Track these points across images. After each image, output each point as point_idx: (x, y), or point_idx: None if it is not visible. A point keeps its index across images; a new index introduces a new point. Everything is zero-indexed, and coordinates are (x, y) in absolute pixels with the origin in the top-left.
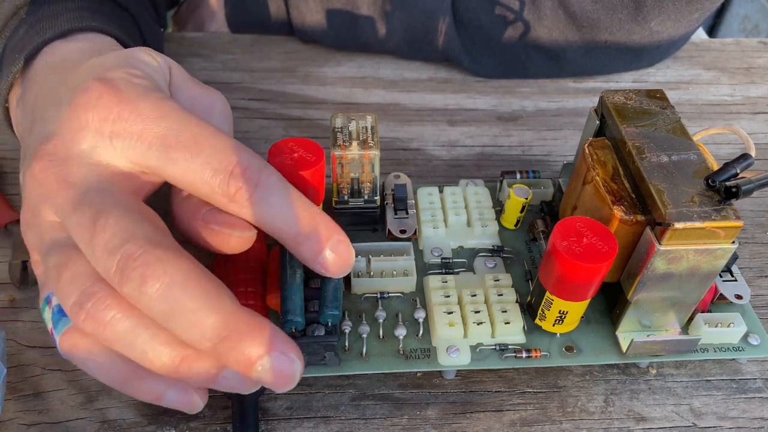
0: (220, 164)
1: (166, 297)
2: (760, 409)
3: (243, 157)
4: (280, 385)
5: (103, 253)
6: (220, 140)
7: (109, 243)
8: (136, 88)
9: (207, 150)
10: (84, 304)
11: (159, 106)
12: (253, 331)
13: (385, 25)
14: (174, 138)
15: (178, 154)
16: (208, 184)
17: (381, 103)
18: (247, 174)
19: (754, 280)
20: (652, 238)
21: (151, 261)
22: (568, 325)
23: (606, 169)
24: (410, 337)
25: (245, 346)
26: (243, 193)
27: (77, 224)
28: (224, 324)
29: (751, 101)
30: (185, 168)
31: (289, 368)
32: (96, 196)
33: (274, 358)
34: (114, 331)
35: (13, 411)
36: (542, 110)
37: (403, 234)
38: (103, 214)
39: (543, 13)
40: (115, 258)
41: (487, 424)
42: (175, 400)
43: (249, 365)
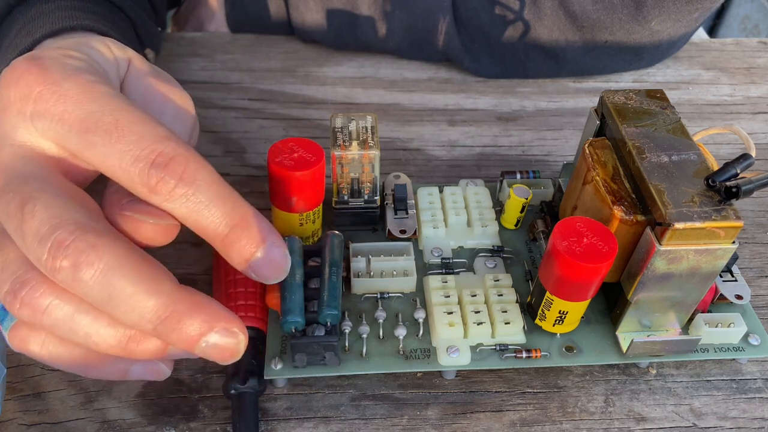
0: (141, 152)
1: (101, 283)
2: (760, 409)
3: (169, 146)
4: (225, 359)
5: (33, 241)
6: (146, 127)
7: (38, 231)
8: (65, 68)
9: (129, 136)
10: (17, 292)
11: (85, 88)
12: (193, 310)
13: (385, 25)
14: (94, 121)
15: (97, 138)
16: (127, 172)
17: (381, 103)
18: (171, 165)
19: (755, 280)
20: (653, 238)
21: (83, 247)
22: (568, 325)
23: (606, 169)
24: (410, 337)
25: (186, 326)
26: (164, 185)
27: (4, 212)
28: (164, 305)
29: (751, 101)
30: (104, 153)
31: (232, 342)
32: (22, 181)
33: (217, 334)
34: (53, 318)
35: (13, 411)
36: (542, 110)
37: (403, 234)
38: (30, 200)
39: (543, 13)
40: (45, 246)
41: (487, 424)
42: (142, 372)
43: (192, 343)
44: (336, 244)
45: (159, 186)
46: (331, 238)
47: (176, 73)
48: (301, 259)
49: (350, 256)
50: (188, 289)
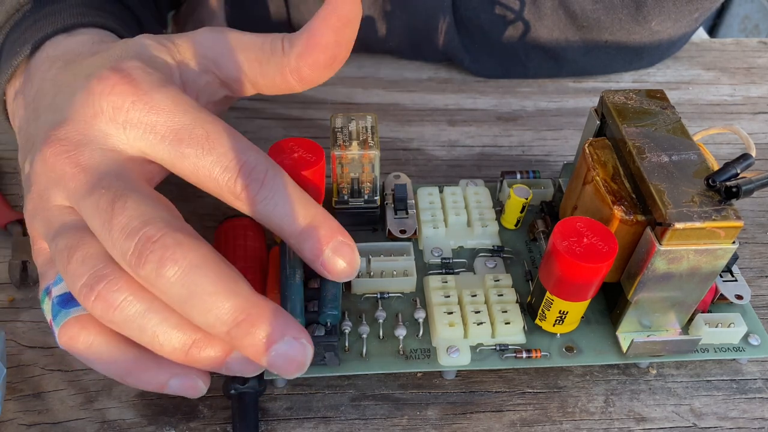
0: (229, 163)
1: (184, 281)
2: (760, 409)
3: (251, 156)
4: (291, 371)
5: (121, 236)
6: (231, 139)
7: (127, 226)
8: (152, 80)
9: (218, 148)
10: (95, 285)
11: (174, 101)
12: (268, 317)
13: (386, 25)
14: (187, 133)
15: (190, 149)
16: (216, 181)
17: (381, 103)
18: (253, 174)
19: (755, 280)
20: (653, 238)
21: (170, 244)
22: (569, 325)
23: (606, 169)
24: (410, 337)
25: (260, 331)
26: (248, 192)
27: (94, 206)
28: (241, 308)
29: (751, 101)
30: (195, 164)
31: (301, 353)
32: (113, 180)
33: (287, 344)
34: (124, 315)
35: (13, 411)
36: (542, 110)
37: (403, 234)
38: (121, 198)
39: (543, 13)
40: (133, 240)
41: (487, 424)
42: (179, 387)
43: (262, 350)
44: None
45: (243, 193)
46: None
47: None
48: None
49: None
50: (263, 297)
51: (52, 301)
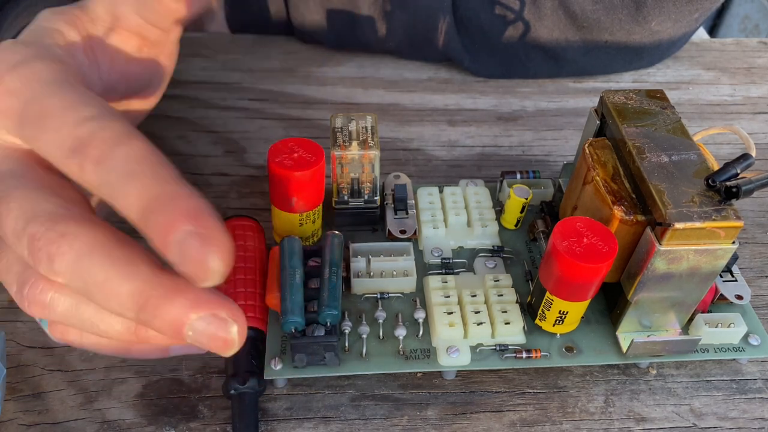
0: (63, 140)
1: (74, 271)
2: (760, 409)
3: (86, 129)
4: (219, 349)
5: (14, 240)
6: (69, 111)
7: (15, 228)
8: (11, 60)
9: (52, 123)
10: (22, 290)
11: (26, 79)
12: (171, 294)
13: (385, 25)
14: (27, 112)
15: (28, 130)
16: (57, 161)
17: (381, 103)
18: (87, 149)
19: (755, 280)
20: (653, 238)
21: (54, 238)
22: (568, 325)
23: (606, 169)
24: (410, 337)
25: (165, 312)
26: (81, 172)
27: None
28: (138, 291)
29: (751, 101)
30: (38, 146)
31: (222, 328)
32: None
33: (202, 321)
34: (58, 312)
35: (13, 411)
36: (542, 110)
37: (403, 234)
38: (5, 200)
39: (543, 13)
40: (23, 242)
41: (487, 424)
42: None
43: (177, 331)
44: (336, 244)
45: (78, 173)
46: (331, 239)
47: (176, 73)
48: (301, 259)
49: (350, 256)
50: (169, 272)
51: None
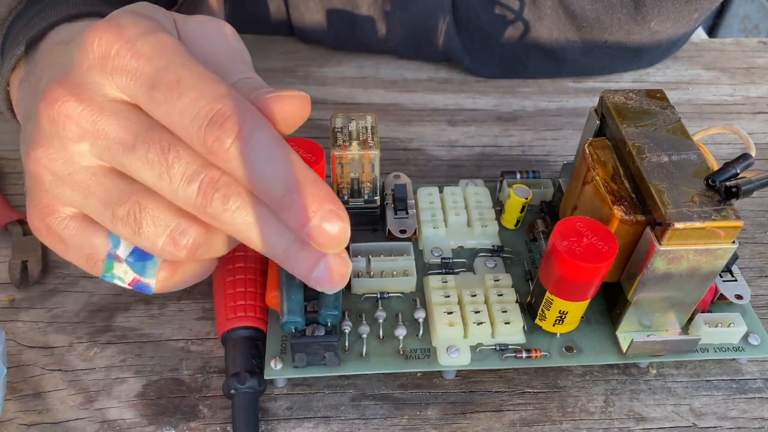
0: (200, 110)
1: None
2: (760, 409)
3: (227, 104)
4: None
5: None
6: (206, 85)
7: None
8: (139, 27)
9: (189, 93)
10: (179, 240)
11: (157, 46)
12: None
13: (385, 25)
14: (159, 78)
15: (160, 94)
16: (186, 130)
17: (381, 103)
18: (227, 124)
19: (754, 280)
20: (652, 238)
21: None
22: (568, 325)
23: (606, 169)
24: (410, 337)
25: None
26: (219, 145)
27: (143, 161)
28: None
29: (751, 101)
30: (167, 111)
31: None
32: (148, 129)
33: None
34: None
35: (13, 411)
36: (542, 110)
37: (403, 234)
38: (173, 147)
39: (543, 13)
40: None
41: (487, 424)
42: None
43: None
44: None
45: (215, 145)
46: None
47: None
48: None
49: (350, 256)
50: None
51: (126, 261)
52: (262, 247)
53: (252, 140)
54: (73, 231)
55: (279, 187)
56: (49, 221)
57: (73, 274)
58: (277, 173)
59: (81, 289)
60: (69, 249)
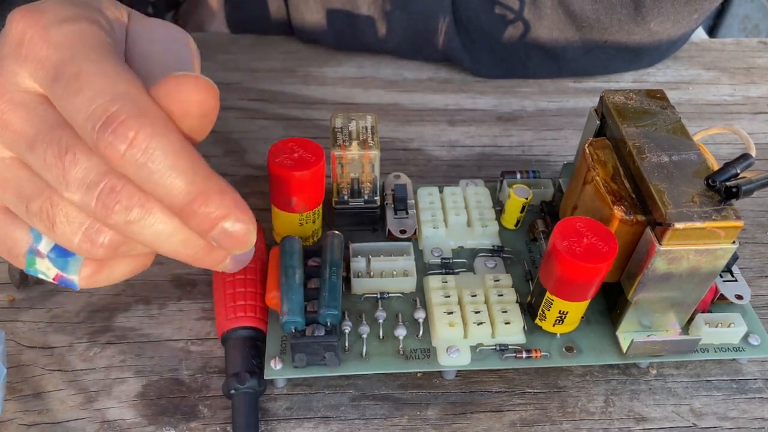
0: (95, 109)
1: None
2: (760, 409)
3: (124, 105)
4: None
5: (80, 190)
6: (107, 81)
7: (83, 180)
8: (58, 13)
9: (87, 90)
10: (94, 237)
11: (69, 35)
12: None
13: (385, 25)
14: (62, 69)
15: (60, 88)
16: (82, 129)
17: (381, 103)
18: (120, 128)
19: (755, 280)
20: (653, 238)
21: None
22: (569, 325)
23: (606, 169)
24: (410, 337)
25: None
26: (113, 150)
27: (41, 162)
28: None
29: (751, 101)
30: (64, 106)
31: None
32: (49, 129)
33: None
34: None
35: (13, 411)
36: (542, 110)
37: (403, 234)
38: (70, 149)
39: (543, 13)
40: (94, 193)
41: (487, 424)
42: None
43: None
44: (336, 244)
45: (108, 150)
46: (331, 238)
47: None
48: (301, 259)
49: (350, 256)
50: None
51: (48, 257)
52: (171, 255)
53: (149, 147)
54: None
55: (180, 196)
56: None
57: None
58: (176, 182)
59: (81, 290)
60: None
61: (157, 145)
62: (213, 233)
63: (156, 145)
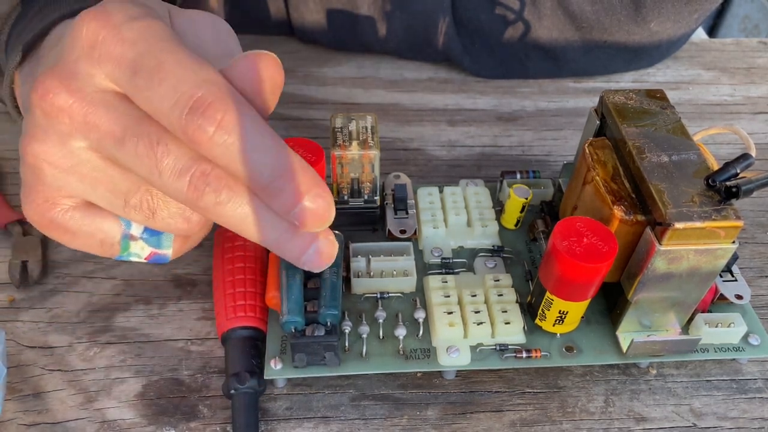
0: (180, 96)
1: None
2: (760, 409)
3: (209, 90)
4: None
5: (172, 178)
6: (188, 70)
7: (175, 166)
8: (126, 13)
9: (170, 79)
10: (190, 222)
11: (141, 32)
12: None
13: (385, 25)
14: (141, 63)
15: (141, 80)
16: (168, 117)
17: (381, 103)
18: (209, 111)
19: (755, 280)
20: (653, 238)
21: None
22: (569, 325)
23: (606, 169)
24: (410, 337)
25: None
26: (201, 133)
27: (132, 156)
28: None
29: (751, 101)
30: (148, 97)
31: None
32: (137, 123)
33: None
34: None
35: (13, 411)
36: (542, 110)
37: (403, 234)
38: (162, 140)
39: (543, 14)
40: (185, 179)
41: (487, 424)
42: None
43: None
44: None
45: (196, 134)
46: None
47: None
48: None
49: (350, 256)
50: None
51: (141, 238)
52: (256, 237)
53: (236, 127)
54: (80, 221)
55: (266, 173)
56: (52, 215)
57: (72, 274)
58: (262, 160)
59: (81, 289)
60: (78, 238)
61: (243, 125)
62: (295, 210)
63: (242, 126)
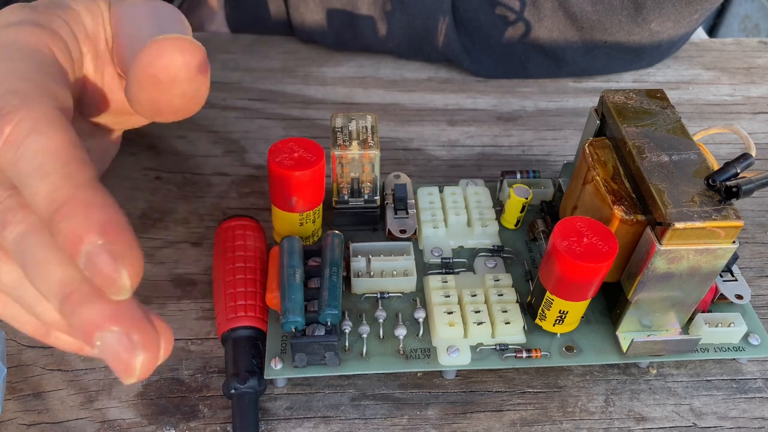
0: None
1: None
2: (760, 409)
3: (11, 100)
4: (118, 371)
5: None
6: (3, 79)
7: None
8: (7, 19)
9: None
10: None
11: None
12: (95, 296)
13: (385, 25)
14: None
15: None
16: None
17: (381, 103)
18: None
19: (755, 279)
20: (653, 238)
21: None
22: (569, 325)
23: (606, 169)
24: (410, 337)
25: (84, 311)
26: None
27: None
28: (69, 280)
29: (751, 101)
30: None
31: (128, 351)
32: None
33: (113, 336)
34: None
35: (13, 411)
36: (542, 110)
37: (403, 234)
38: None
39: (543, 14)
40: None
41: (487, 424)
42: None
43: (88, 334)
44: (336, 244)
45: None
46: (331, 238)
47: None
48: (301, 258)
49: (350, 256)
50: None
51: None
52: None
53: (22, 144)
54: None
55: (43, 203)
56: None
57: None
58: (41, 185)
59: None
60: None
61: (31, 141)
62: (80, 258)
63: (30, 142)
